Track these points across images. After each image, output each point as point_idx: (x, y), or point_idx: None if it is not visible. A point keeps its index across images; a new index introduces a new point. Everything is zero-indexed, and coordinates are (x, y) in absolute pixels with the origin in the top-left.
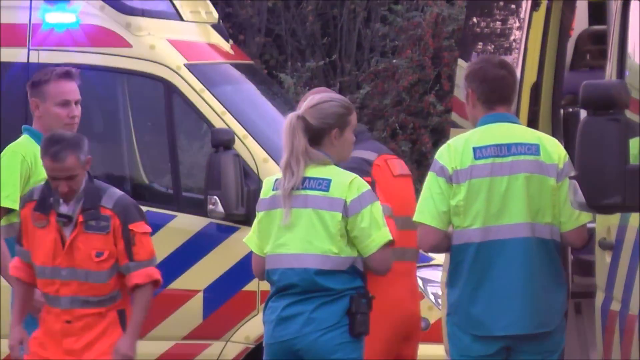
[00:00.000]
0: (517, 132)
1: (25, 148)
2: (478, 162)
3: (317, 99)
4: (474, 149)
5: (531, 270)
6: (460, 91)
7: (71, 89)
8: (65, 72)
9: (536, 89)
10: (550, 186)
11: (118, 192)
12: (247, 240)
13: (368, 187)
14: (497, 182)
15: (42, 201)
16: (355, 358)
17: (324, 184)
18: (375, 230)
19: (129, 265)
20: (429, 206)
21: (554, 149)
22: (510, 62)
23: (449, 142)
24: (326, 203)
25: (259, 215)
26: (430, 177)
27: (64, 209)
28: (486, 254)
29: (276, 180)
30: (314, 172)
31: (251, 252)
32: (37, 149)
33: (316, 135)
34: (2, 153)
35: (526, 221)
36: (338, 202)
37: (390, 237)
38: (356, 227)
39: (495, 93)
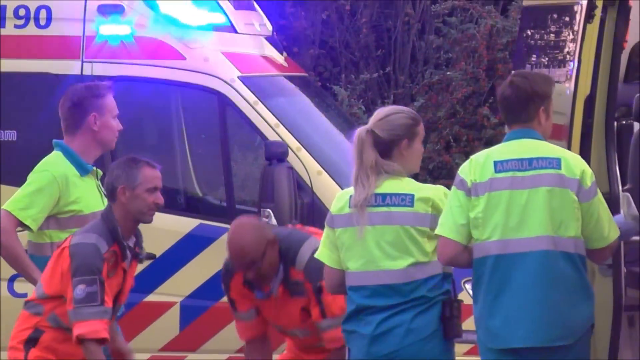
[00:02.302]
0: (538, 147)
1: (57, 167)
2: (498, 175)
3: (384, 111)
4: (495, 162)
5: (551, 283)
6: None
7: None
8: (110, 87)
9: (590, 101)
10: (572, 199)
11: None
12: (320, 255)
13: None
14: (517, 195)
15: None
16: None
17: (408, 200)
18: None
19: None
20: (448, 219)
21: (575, 163)
22: (562, 74)
23: (472, 156)
24: (412, 218)
25: (336, 232)
26: (452, 191)
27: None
28: (504, 266)
29: (351, 196)
30: (392, 187)
31: None
32: (69, 168)
33: (386, 147)
34: (35, 169)
35: (547, 234)
36: (424, 217)
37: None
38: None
39: (505, 113)
